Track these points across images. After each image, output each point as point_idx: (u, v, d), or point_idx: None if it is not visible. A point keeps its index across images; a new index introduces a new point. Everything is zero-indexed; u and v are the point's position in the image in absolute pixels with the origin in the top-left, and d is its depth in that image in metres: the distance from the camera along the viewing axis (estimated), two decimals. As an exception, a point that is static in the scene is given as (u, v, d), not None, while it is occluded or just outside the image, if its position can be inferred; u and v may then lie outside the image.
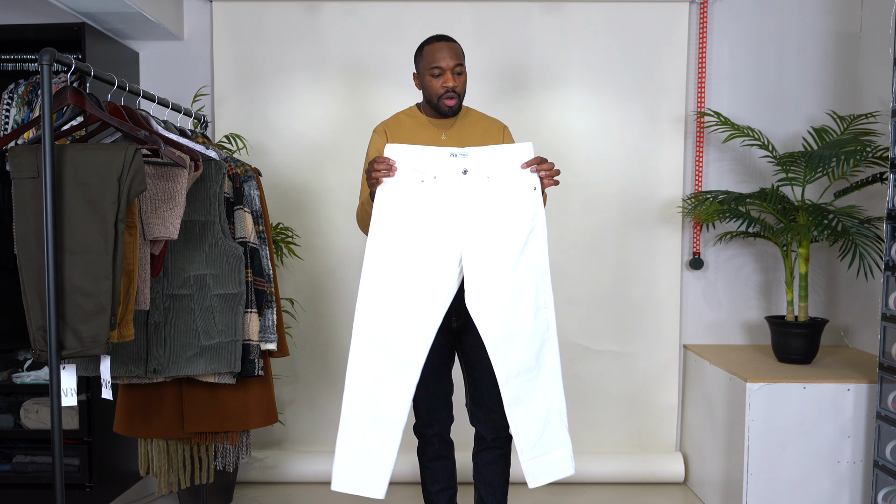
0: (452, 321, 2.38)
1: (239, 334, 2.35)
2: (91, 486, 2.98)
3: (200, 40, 3.49)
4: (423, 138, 2.40)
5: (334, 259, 3.52)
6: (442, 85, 2.35)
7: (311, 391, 3.55)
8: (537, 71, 3.46)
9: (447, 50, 2.35)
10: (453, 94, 2.35)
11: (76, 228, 1.87)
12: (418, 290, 2.15)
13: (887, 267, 2.56)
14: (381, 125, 2.49)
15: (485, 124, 2.47)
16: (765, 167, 3.43)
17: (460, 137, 2.41)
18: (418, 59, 2.42)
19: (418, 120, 2.45)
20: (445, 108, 2.37)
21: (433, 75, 2.35)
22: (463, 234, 2.14)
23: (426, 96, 2.41)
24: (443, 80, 2.34)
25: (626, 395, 3.55)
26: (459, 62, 2.36)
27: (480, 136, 2.43)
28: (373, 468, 2.17)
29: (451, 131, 2.43)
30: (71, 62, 2.02)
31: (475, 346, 2.38)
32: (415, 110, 2.49)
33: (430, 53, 2.36)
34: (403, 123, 2.45)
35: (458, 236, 2.14)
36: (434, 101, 2.38)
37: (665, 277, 3.52)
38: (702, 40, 3.46)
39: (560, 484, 3.43)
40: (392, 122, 2.48)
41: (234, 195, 2.42)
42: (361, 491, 2.17)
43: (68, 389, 1.97)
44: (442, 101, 2.36)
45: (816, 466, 2.79)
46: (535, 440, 2.22)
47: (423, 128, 2.43)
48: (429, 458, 2.52)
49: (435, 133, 2.42)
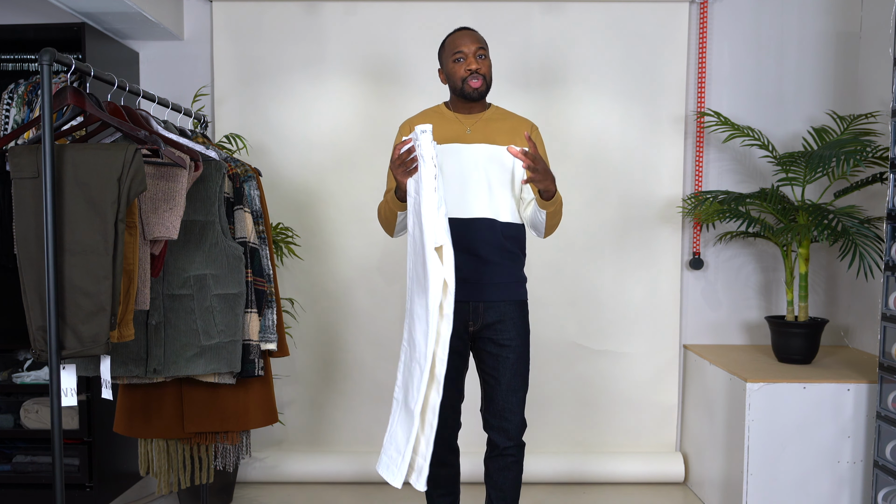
0: (469, 325, 2.36)
1: (239, 334, 2.35)
2: (91, 486, 2.98)
3: (200, 40, 3.49)
4: (448, 132, 2.38)
5: (334, 259, 3.52)
6: (465, 69, 2.34)
7: (311, 391, 3.55)
8: (537, 71, 3.46)
9: (468, 37, 2.36)
10: (477, 76, 2.34)
11: (76, 228, 1.87)
12: (423, 274, 2.13)
13: (887, 267, 2.56)
14: (406, 121, 2.49)
15: (513, 122, 2.44)
16: (765, 167, 3.43)
17: (486, 132, 2.39)
18: (441, 53, 2.42)
19: (444, 115, 2.44)
20: (470, 90, 2.35)
21: (456, 60, 2.35)
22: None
23: (451, 85, 2.39)
24: (466, 64, 2.34)
25: (626, 395, 3.55)
26: (482, 46, 2.36)
27: (508, 132, 2.40)
28: (397, 456, 2.19)
29: (476, 126, 2.40)
30: (71, 62, 2.01)
31: (493, 354, 2.38)
32: (441, 107, 2.48)
33: (451, 42, 2.37)
34: (429, 118, 2.44)
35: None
36: (459, 86, 2.36)
37: (665, 277, 3.52)
38: (702, 40, 3.46)
39: (560, 484, 3.44)
40: (417, 117, 2.48)
41: (234, 195, 2.42)
42: (386, 476, 2.20)
43: (68, 389, 1.97)
44: (467, 84, 2.34)
45: (816, 466, 2.79)
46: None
47: (449, 122, 2.41)
48: (433, 465, 2.49)
49: (460, 128, 2.40)
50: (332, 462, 3.44)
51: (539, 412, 3.44)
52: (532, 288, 3.47)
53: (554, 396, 3.52)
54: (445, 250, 2.08)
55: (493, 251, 2.35)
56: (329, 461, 3.44)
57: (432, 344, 2.08)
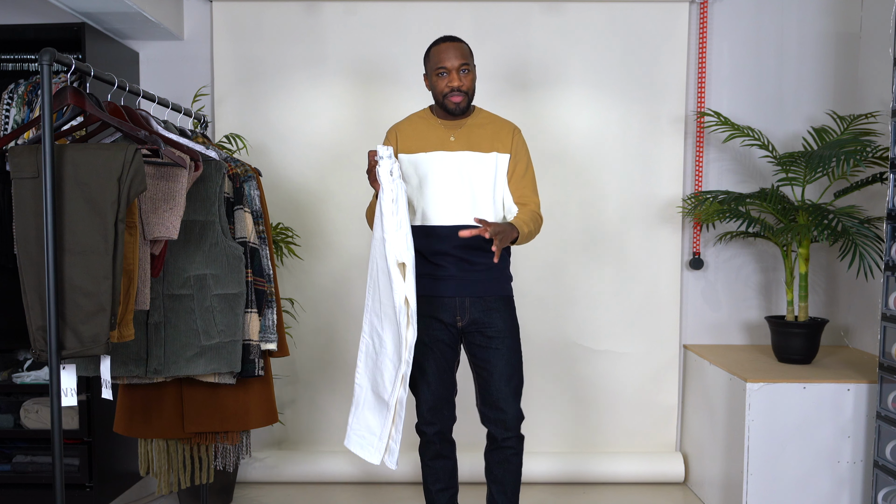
0: (458, 320, 2.41)
1: (239, 334, 2.35)
2: (91, 486, 2.98)
3: (200, 40, 3.49)
4: (432, 139, 2.43)
5: (334, 259, 3.52)
6: (447, 84, 2.37)
7: (311, 391, 3.55)
8: (537, 71, 3.46)
9: (453, 50, 2.37)
10: (459, 93, 2.38)
11: (76, 228, 1.87)
12: (397, 276, 2.24)
13: (887, 267, 2.56)
14: (393, 127, 2.52)
15: (495, 126, 2.48)
16: (765, 167, 3.43)
17: (469, 139, 2.43)
18: (426, 61, 2.44)
19: (429, 121, 2.48)
20: (452, 106, 2.40)
21: (439, 75, 2.38)
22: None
23: (434, 96, 2.44)
24: (448, 80, 2.37)
25: (626, 395, 3.55)
26: (465, 62, 2.38)
27: (490, 137, 2.45)
28: (372, 438, 2.36)
29: (460, 132, 2.45)
30: (71, 62, 2.01)
31: (483, 346, 2.42)
32: (427, 112, 2.51)
33: (435, 54, 2.39)
34: (415, 125, 2.48)
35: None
36: (440, 100, 2.41)
37: (665, 277, 3.52)
38: (702, 40, 3.46)
39: (560, 484, 3.44)
40: (404, 123, 2.51)
41: (234, 195, 2.42)
42: (362, 454, 2.37)
43: (68, 389, 1.97)
44: (448, 99, 2.39)
45: (816, 466, 2.79)
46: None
47: (434, 129, 2.46)
48: (430, 457, 2.53)
49: (444, 134, 2.44)
50: (332, 462, 3.43)
51: (539, 412, 3.44)
52: (532, 288, 3.49)
53: (554, 396, 3.52)
54: (408, 268, 2.21)
55: (479, 254, 2.41)
56: (329, 461, 3.44)
57: (402, 349, 2.25)
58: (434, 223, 2.40)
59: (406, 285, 2.21)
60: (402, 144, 2.44)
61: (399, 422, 2.30)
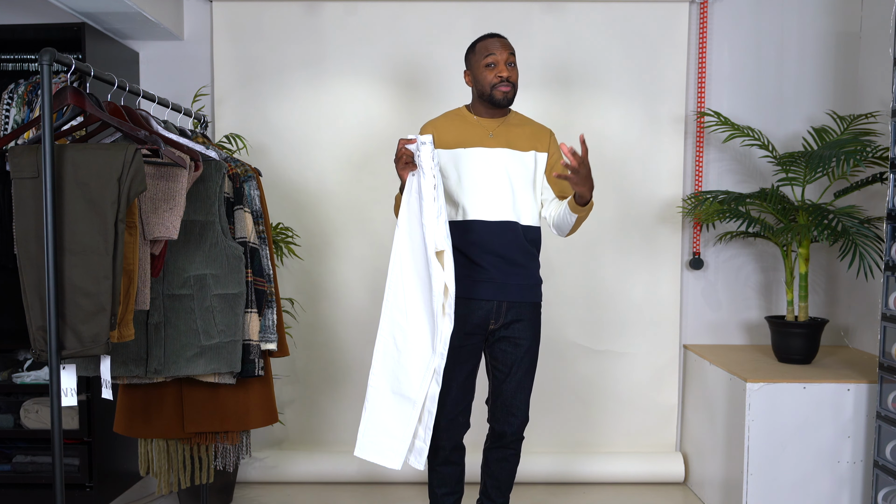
0: (490, 323, 2.42)
1: (239, 334, 2.35)
2: (91, 486, 2.98)
3: (200, 40, 3.49)
4: (471, 136, 2.44)
5: (334, 259, 3.52)
6: (496, 75, 2.39)
7: (311, 391, 3.55)
8: (537, 71, 3.46)
9: (501, 43, 2.41)
10: (507, 83, 2.40)
11: (76, 228, 1.87)
12: (426, 275, 2.23)
13: (887, 267, 2.56)
14: (429, 122, 2.52)
15: (533, 128, 2.51)
16: (765, 167, 3.43)
17: (508, 137, 2.45)
18: (470, 55, 2.46)
19: (467, 119, 2.48)
20: (500, 97, 2.41)
21: (487, 65, 2.40)
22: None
23: (479, 89, 2.44)
24: (497, 71, 2.39)
25: (626, 395, 3.55)
26: (512, 53, 2.42)
27: (528, 137, 2.47)
28: (391, 441, 2.28)
29: (498, 130, 2.46)
30: (71, 62, 2.01)
31: (506, 351, 2.45)
32: (463, 110, 2.52)
33: (483, 48, 2.42)
34: (452, 121, 2.49)
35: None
36: (488, 92, 2.41)
37: (665, 277, 3.52)
38: (702, 40, 3.46)
39: (560, 484, 3.44)
40: (440, 119, 2.52)
41: (234, 195, 2.42)
42: (379, 460, 2.29)
43: (68, 389, 1.97)
44: (497, 89, 2.39)
45: (816, 466, 2.79)
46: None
47: (472, 126, 2.46)
48: (439, 463, 2.52)
49: (483, 131, 2.45)
50: (332, 462, 3.43)
51: (539, 412, 3.43)
52: (532, 288, 3.48)
53: (554, 396, 3.52)
54: (446, 255, 2.19)
55: (518, 253, 2.43)
56: (329, 461, 3.44)
57: (437, 341, 2.20)
58: (474, 217, 2.40)
59: (446, 273, 2.19)
60: (441, 139, 2.42)
61: (429, 418, 2.23)
